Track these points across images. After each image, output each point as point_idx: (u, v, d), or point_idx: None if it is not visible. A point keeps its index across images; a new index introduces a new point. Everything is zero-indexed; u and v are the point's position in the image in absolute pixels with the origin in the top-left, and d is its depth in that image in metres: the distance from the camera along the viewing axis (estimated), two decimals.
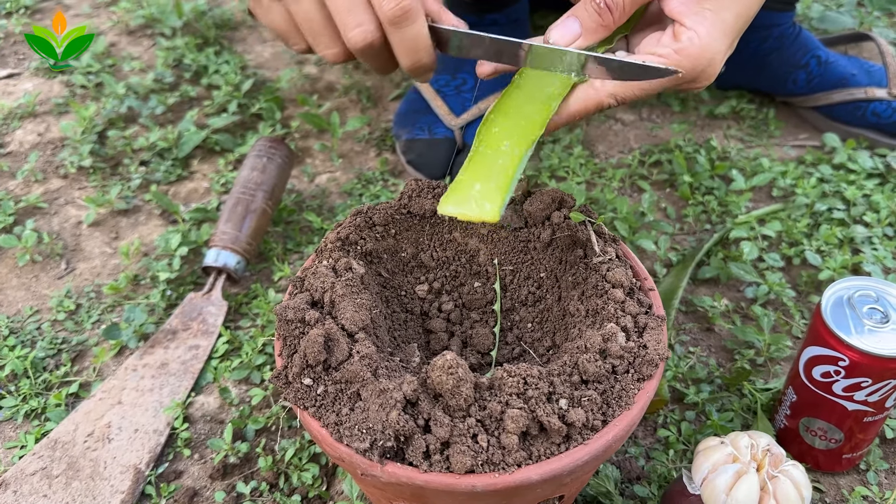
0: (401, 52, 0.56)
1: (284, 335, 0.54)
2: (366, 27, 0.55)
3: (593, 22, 0.57)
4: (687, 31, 0.54)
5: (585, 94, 0.57)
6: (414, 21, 0.54)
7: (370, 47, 0.56)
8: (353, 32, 0.55)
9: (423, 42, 0.56)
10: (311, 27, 0.57)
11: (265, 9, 0.59)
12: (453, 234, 0.66)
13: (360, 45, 0.56)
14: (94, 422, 0.74)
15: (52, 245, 0.92)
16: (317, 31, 0.57)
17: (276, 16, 0.59)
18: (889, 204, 0.94)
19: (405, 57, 0.57)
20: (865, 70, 1.07)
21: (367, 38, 0.55)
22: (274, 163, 0.91)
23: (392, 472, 0.49)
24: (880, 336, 0.61)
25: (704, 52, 0.55)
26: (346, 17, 0.55)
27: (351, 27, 0.55)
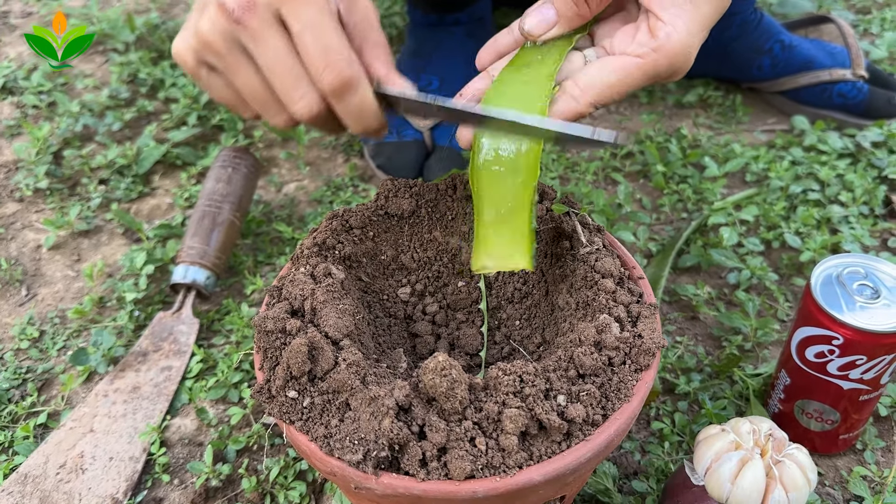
0: (348, 120, 0.55)
1: (265, 347, 0.52)
2: (309, 99, 0.53)
3: (569, 10, 0.55)
4: (665, 27, 0.52)
5: (567, 108, 0.55)
6: (356, 90, 0.52)
7: (317, 118, 0.54)
8: (297, 106, 0.53)
9: (369, 109, 0.54)
10: (255, 97, 0.55)
11: (205, 82, 0.57)
12: (433, 233, 0.64)
13: (306, 117, 0.54)
14: (66, 452, 0.70)
15: (10, 271, 0.88)
16: (262, 102, 0.55)
17: (218, 90, 0.57)
18: (862, 183, 0.94)
19: (352, 124, 0.55)
20: (828, 52, 1.08)
21: (312, 110, 0.53)
22: (239, 173, 0.88)
23: (388, 483, 0.46)
24: (872, 312, 0.60)
25: (681, 49, 0.53)
26: (289, 92, 0.53)
27: (294, 101, 0.53)
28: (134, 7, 1.35)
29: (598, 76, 0.54)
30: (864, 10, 1.31)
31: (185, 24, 0.57)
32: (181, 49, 0.56)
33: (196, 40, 0.54)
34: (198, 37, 0.54)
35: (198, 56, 0.55)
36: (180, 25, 1.26)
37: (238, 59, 0.54)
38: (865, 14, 1.29)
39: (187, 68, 0.57)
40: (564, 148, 0.54)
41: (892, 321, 0.59)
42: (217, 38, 0.53)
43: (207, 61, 0.55)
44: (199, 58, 0.55)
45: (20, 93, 1.14)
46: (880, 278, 0.62)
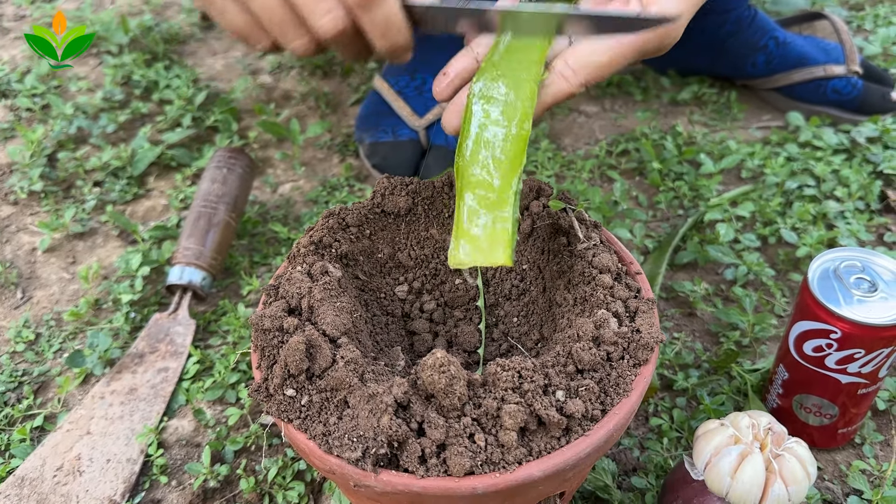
0: (374, 36, 0.53)
1: (262, 346, 0.52)
2: (335, 13, 0.51)
3: None
4: (657, 1, 0.53)
5: (555, 87, 0.54)
6: (383, 1, 0.51)
7: (342, 34, 0.52)
8: (321, 20, 0.52)
9: (397, 22, 0.52)
10: (275, 21, 0.54)
11: (219, 9, 0.56)
12: (430, 230, 0.64)
13: (332, 32, 0.52)
14: (63, 455, 0.70)
15: (5, 274, 0.88)
16: (281, 24, 0.54)
17: (233, 15, 0.55)
18: (858, 178, 0.94)
19: (379, 39, 0.53)
20: (822, 48, 1.08)
21: (337, 24, 0.52)
22: (234, 173, 0.88)
23: (387, 480, 0.46)
24: (870, 305, 0.60)
25: (673, 26, 0.53)
26: (313, 6, 0.51)
27: (319, 15, 0.51)
28: (127, 9, 1.35)
29: (589, 57, 0.54)
30: (857, 6, 1.31)
31: None
32: None
33: None
34: None
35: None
36: (174, 27, 1.27)
37: None
38: (859, 11, 1.30)
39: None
40: (601, 30, 0.52)
41: (889, 314, 0.59)
42: None
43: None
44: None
45: (13, 96, 1.14)
46: (877, 272, 0.62)
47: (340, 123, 1.09)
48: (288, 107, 1.13)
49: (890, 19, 1.25)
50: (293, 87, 1.16)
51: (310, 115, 1.11)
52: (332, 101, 1.13)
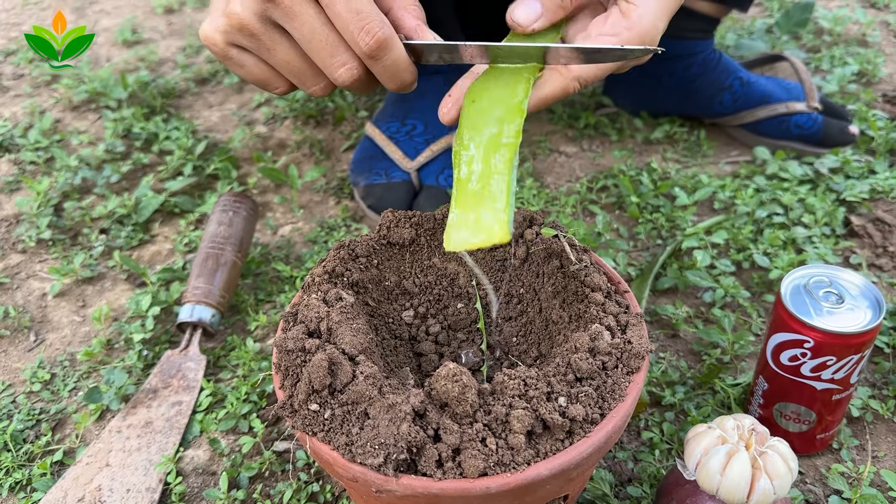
0: (385, 79, 0.59)
1: (286, 366, 0.56)
2: (350, 66, 0.57)
3: (552, 4, 0.60)
4: (636, 9, 0.58)
5: (552, 82, 0.59)
6: (391, 49, 0.57)
7: (357, 81, 0.58)
8: (339, 72, 0.57)
9: (404, 65, 0.58)
10: (293, 72, 0.59)
11: (236, 62, 0.61)
12: (432, 259, 0.69)
13: (349, 82, 0.58)
14: (84, 486, 0.73)
15: (18, 318, 0.91)
16: (300, 74, 0.59)
17: (250, 67, 0.61)
18: (823, 205, 1.01)
19: (389, 81, 0.59)
20: (784, 87, 1.16)
21: (353, 74, 0.58)
22: (240, 216, 0.93)
23: (407, 484, 0.50)
24: (838, 316, 0.66)
25: (651, 30, 0.58)
26: (329, 60, 0.57)
27: (336, 68, 0.57)
28: (124, 66, 1.41)
29: None
30: (814, 48, 1.40)
31: (211, 10, 0.59)
32: (210, 34, 0.59)
33: (227, 22, 0.57)
34: (230, 19, 0.57)
35: (228, 38, 0.58)
36: (170, 82, 1.32)
37: (273, 37, 0.57)
38: (816, 52, 1.38)
39: (216, 51, 0.60)
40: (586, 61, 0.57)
41: (857, 323, 0.65)
42: (251, 17, 0.56)
43: (238, 42, 0.58)
44: (229, 40, 0.58)
45: (17, 150, 1.19)
46: (844, 286, 0.68)
47: (335, 168, 1.15)
48: (284, 154, 1.18)
49: (845, 60, 1.34)
50: (287, 135, 1.22)
51: (305, 161, 1.16)
52: (325, 147, 1.19)
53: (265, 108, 1.29)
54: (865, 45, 1.41)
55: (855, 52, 1.37)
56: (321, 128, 1.24)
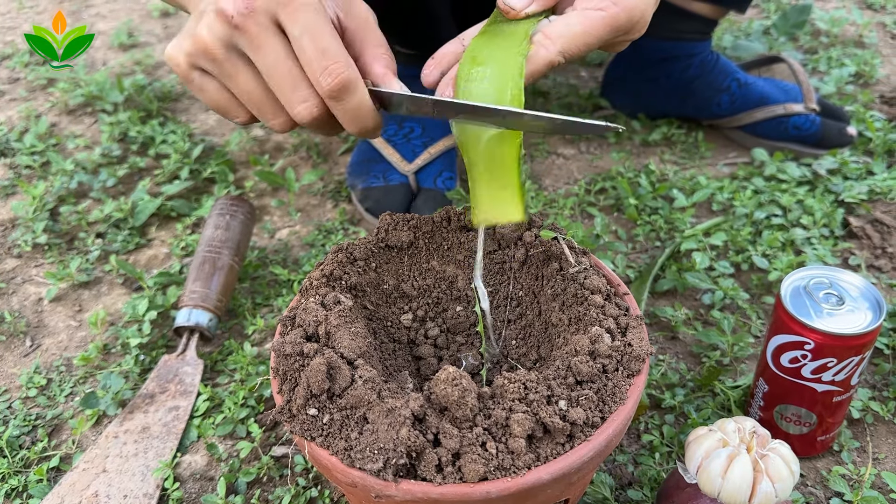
0: (345, 122, 0.58)
1: (284, 370, 0.55)
2: (310, 103, 0.56)
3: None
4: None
5: (536, 56, 0.57)
6: (353, 92, 0.55)
7: (316, 120, 0.57)
8: (298, 108, 0.56)
9: (366, 109, 0.57)
10: (253, 102, 0.58)
11: (197, 86, 0.59)
12: (431, 262, 0.68)
13: (307, 119, 0.57)
14: (81, 493, 0.72)
15: (14, 323, 0.90)
16: (259, 105, 0.58)
17: (211, 92, 0.59)
18: (821, 207, 1.01)
19: (350, 125, 0.58)
20: (781, 88, 1.15)
21: (312, 112, 0.56)
22: (237, 219, 0.92)
23: (407, 489, 0.50)
24: (839, 317, 0.65)
25: (639, 3, 0.57)
26: (290, 94, 0.56)
27: (296, 104, 0.56)
28: (119, 70, 1.40)
29: (564, 28, 0.57)
30: (811, 50, 1.40)
31: (181, 31, 0.59)
32: (174, 54, 0.58)
33: (192, 45, 0.56)
34: (195, 42, 0.56)
35: (192, 60, 0.57)
36: (167, 86, 1.32)
37: (236, 64, 0.56)
38: (813, 54, 1.38)
39: (179, 72, 0.59)
40: (559, 135, 0.58)
41: (857, 324, 0.64)
42: (215, 43, 0.55)
43: (201, 66, 0.57)
44: (192, 62, 0.58)
45: (12, 154, 1.18)
46: (844, 287, 0.68)
47: (332, 171, 1.14)
48: (281, 157, 1.18)
49: (842, 61, 1.34)
50: (284, 139, 1.22)
51: (302, 164, 1.16)
52: (322, 151, 1.19)
53: None
54: (862, 46, 1.41)
55: (852, 54, 1.37)
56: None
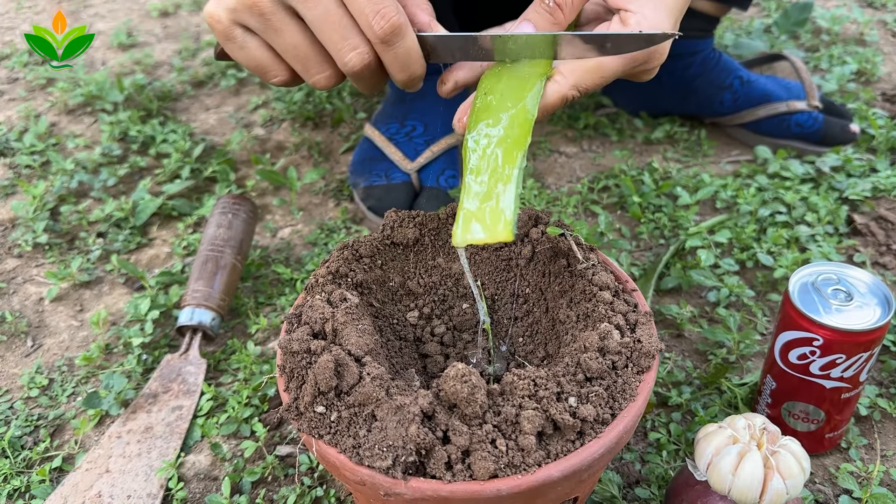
0: (395, 69, 0.58)
1: (290, 368, 0.55)
2: (361, 49, 0.56)
3: (545, 21, 0.59)
4: (634, 15, 0.57)
5: (551, 91, 0.58)
6: (405, 36, 0.56)
7: (367, 68, 0.57)
8: (349, 56, 0.56)
9: (415, 55, 0.57)
10: (299, 56, 0.58)
11: (239, 43, 0.59)
12: (437, 259, 0.68)
13: (358, 67, 0.57)
14: (84, 493, 0.71)
15: (15, 323, 0.90)
16: (305, 59, 0.58)
17: (252, 50, 0.59)
18: (825, 204, 1.01)
19: (399, 72, 0.58)
20: (784, 86, 1.15)
21: (364, 59, 0.56)
22: (239, 218, 0.92)
23: (416, 486, 0.49)
24: (847, 313, 0.65)
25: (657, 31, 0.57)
26: (341, 43, 0.56)
27: (346, 51, 0.56)
28: (119, 69, 1.40)
29: (578, 63, 0.58)
30: (812, 48, 1.40)
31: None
32: (215, 10, 0.57)
33: (237, 1, 0.56)
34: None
35: (235, 17, 0.57)
36: (167, 85, 1.31)
37: (283, 18, 0.56)
38: (814, 52, 1.38)
39: (220, 28, 0.58)
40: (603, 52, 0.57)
41: (866, 320, 0.64)
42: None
43: (245, 22, 0.57)
44: (236, 18, 0.57)
45: (12, 154, 1.17)
46: (852, 283, 0.68)
47: (334, 170, 1.14)
48: (282, 156, 1.17)
49: (844, 59, 1.34)
50: (286, 138, 1.21)
51: (303, 163, 1.16)
52: (323, 149, 1.18)
53: (263, 111, 1.28)
54: (863, 44, 1.41)
55: (853, 52, 1.37)
56: (319, 130, 1.23)
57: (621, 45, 0.56)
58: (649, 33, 0.56)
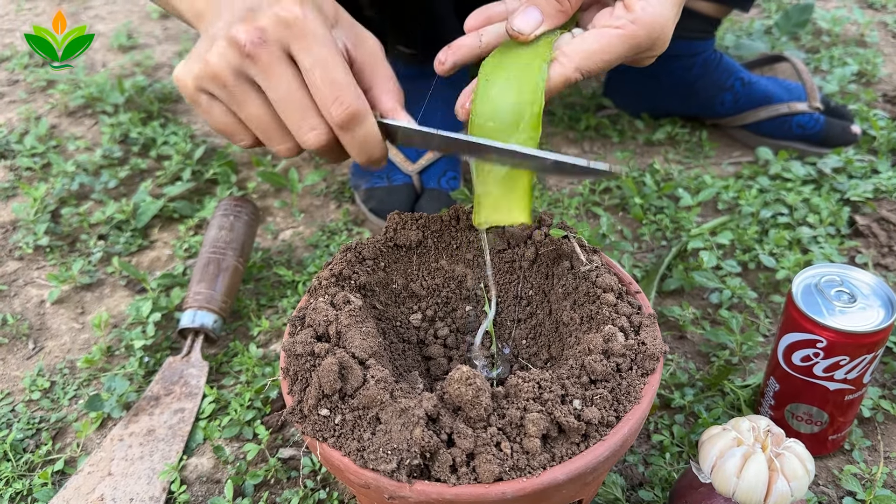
0: (353, 151, 0.59)
1: (295, 370, 0.55)
2: (319, 131, 0.57)
3: (553, 8, 0.59)
4: (639, 1, 0.57)
5: (555, 73, 0.58)
6: (362, 123, 0.57)
7: (324, 147, 0.58)
8: (307, 136, 0.57)
9: (373, 140, 0.58)
10: (260, 126, 0.59)
11: (204, 108, 0.60)
12: (440, 262, 0.68)
13: (315, 146, 0.58)
14: (86, 496, 0.71)
15: (16, 326, 0.90)
16: (267, 129, 0.59)
17: (217, 116, 0.60)
18: (827, 205, 1.01)
19: (357, 154, 0.59)
20: (785, 87, 1.15)
21: (321, 140, 0.57)
22: (241, 220, 0.92)
23: (421, 490, 0.49)
24: (851, 315, 0.65)
25: (658, 19, 0.58)
26: (299, 122, 0.57)
27: (305, 131, 0.57)
28: (119, 71, 1.40)
29: (581, 44, 0.58)
30: (813, 49, 1.40)
31: (190, 53, 0.59)
32: (183, 76, 0.59)
33: (202, 70, 0.57)
34: (205, 67, 0.57)
35: (200, 84, 0.58)
36: (167, 87, 1.31)
37: (245, 91, 0.57)
38: (815, 53, 1.38)
39: (186, 93, 0.60)
40: (561, 178, 0.58)
41: (869, 322, 0.64)
42: (225, 69, 0.56)
43: (209, 90, 0.58)
44: (201, 86, 0.58)
45: (13, 156, 1.17)
46: (855, 285, 0.68)
47: (335, 172, 1.14)
48: (283, 158, 1.17)
49: (844, 60, 1.34)
50: None
51: (304, 165, 1.15)
52: None
53: None
54: (864, 45, 1.41)
55: (854, 53, 1.37)
56: None
57: (580, 172, 0.57)
58: (595, 168, 0.56)
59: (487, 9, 0.64)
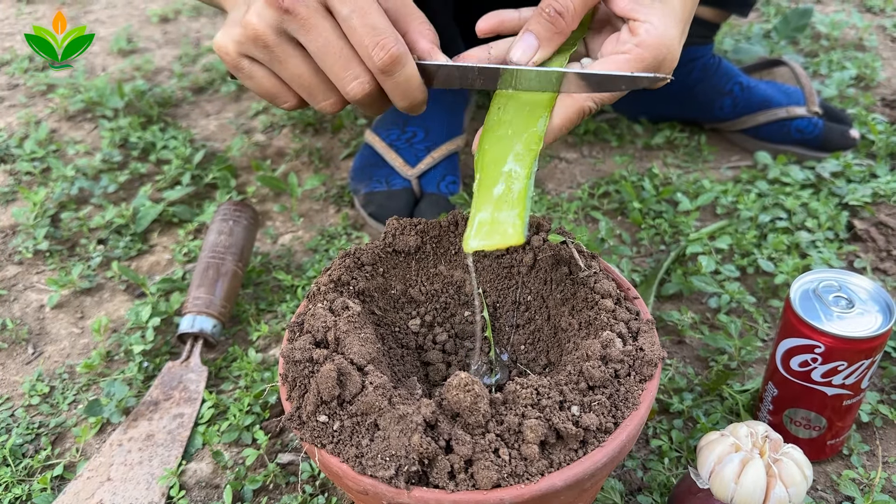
0: (396, 97, 0.59)
1: (293, 376, 0.55)
2: (362, 79, 0.58)
3: (548, 31, 0.60)
4: (643, 24, 0.58)
5: (566, 104, 0.59)
6: (404, 66, 0.57)
7: (368, 96, 0.59)
8: (350, 86, 0.58)
9: (415, 83, 0.59)
10: (303, 84, 0.60)
11: (246, 73, 0.61)
12: (438, 267, 0.68)
13: (360, 95, 0.58)
14: (85, 501, 0.71)
15: (16, 331, 0.90)
16: (310, 86, 0.60)
17: (260, 79, 0.61)
18: (826, 210, 1.01)
19: (401, 100, 0.60)
20: (784, 91, 1.15)
21: (365, 88, 0.58)
22: (240, 225, 0.92)
23: (419, 496, 0.49)
24: (849, 320, 0.65)
25: (663, 40, 0.58)
26: (342, 73, 0.57)
27: (348, 81, 0.58)
28: (119, 75, 1.40)
29: None
30: (812, 53, 1.40)
31: (227, 21, 0.60)
32: (223, 43, 0.59)
33: (242, 33, 0.58)
34: (245, 29, 0.57)
35: (242, 49, 0.59)
36: (167, 91, 1.31)
37: (286, 49, 0.58)
38: (813, 57, 1.38)
39: (228, 60, 0.60)
40: (597, 89, 0.58)
41: (867, 328, 0.64)
42: (266, 29, 0.57)
43: (251, 53, 0.59)
44: (242, 50, 0.59)
45: (12, 160, 1.17)
46: (853, 290, 0.68)
47: (334, 176, 1.14)
48: (283, 163, 1.17)
49: (843, 64, 1.34)
50: (286, 144, 1.21)
51: (304, 169, 1.16)
52: (324, 156, 1.18)
53: (263, 117, 1.28)
54: (863, 49, 1.41)
55: (852, 57, 1.37)
56: (320, 136, 1.23)
57: (614, 85, 0.58)
58: (639, 76, 0.57)
59: (501, 13, 0.65)
